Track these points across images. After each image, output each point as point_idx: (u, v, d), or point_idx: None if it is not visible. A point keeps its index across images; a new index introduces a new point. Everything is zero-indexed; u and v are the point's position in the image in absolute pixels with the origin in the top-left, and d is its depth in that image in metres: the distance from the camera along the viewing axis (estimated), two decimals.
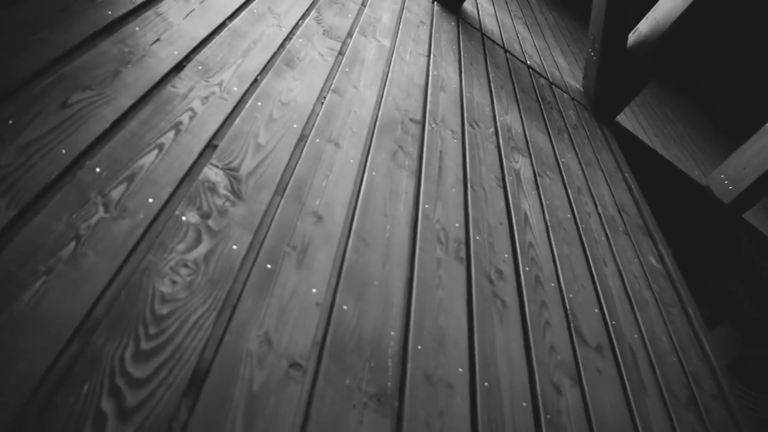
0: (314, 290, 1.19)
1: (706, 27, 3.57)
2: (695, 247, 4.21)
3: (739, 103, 8.78)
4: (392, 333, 1.22)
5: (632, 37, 3.86)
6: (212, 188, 1.25)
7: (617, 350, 1.75)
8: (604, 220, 2.44)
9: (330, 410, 1.01)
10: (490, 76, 2.92)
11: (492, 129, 2.39)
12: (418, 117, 2.06)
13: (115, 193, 1.10)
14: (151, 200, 1.13)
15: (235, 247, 1.16)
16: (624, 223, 2.58)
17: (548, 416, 1.34)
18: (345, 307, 1.20)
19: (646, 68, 3.72)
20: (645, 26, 3.83)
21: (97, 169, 1.12)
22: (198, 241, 1.12)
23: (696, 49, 8.31)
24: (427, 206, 1.66)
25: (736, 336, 3.86)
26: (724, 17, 8.04)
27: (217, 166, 1.30)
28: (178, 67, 1.50)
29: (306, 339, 1.09)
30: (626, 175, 3.15)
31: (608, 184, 2.84)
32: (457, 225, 1.68)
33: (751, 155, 4.42)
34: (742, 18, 8.08)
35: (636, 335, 1.89)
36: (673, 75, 8.24)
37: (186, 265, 1.06)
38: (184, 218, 1.14)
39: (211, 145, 1.35)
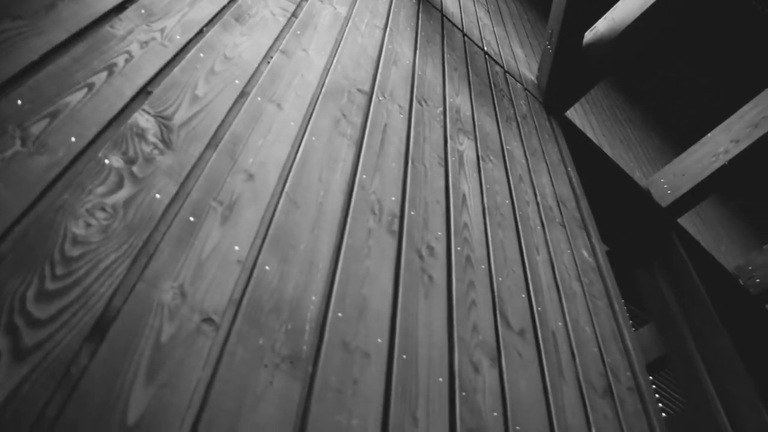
0: (237, 248, 1.16)
1: (663, 31, 3.63)
2: (629, 246, 4.31)
3: (687, 112, 9.00)
4: (313, 298, 1.21)
5: (589, 35, 3.90)
6: (141, 134, 1.21)
7: (540, 336, 1.77)
8: (542, 209, 2.47)
9: (239, 368, 0.99)
10: (445, 57, 2.91)
11: (440, 109, 2.38)
12: (366, 88, 2.04)
13: (36, 128, 1.05)
14: (73, 139, 1.09)
15: (158, 196, 1.13)
16: (561, 214, 2.62)
17: (464, 393, 1.35)
18: (267, 268, 1.18)
19: (599, 66, 3.77)
20: (602, 25, 3.87)
21: (19, 102, 1.07)
22: (119, 185, 1.08)
23: (652, 52, 8.46)
24: (364, 177, 1.65)
25: (659, 335, 3.98)
26: (681, 22, 8.20)
27: (148, 113, 1.26)
28: (120, 8, 1.44)
29: (223, 295, 1.07)
30: (569, 169, 3.19)
31: (550, 176, 2.87)
32: (393, 198, 1.67)
33: (691, 163, 4.55)
34: (696, 27, 8.26)
35: (560, 323, 1.92)
36: (627, 78, 8.39)
37: (103, 209, 1.03)
38: (107, 161, 1.10)
39: (145, 91, 1.30)
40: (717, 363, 3.52)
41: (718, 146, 4.45)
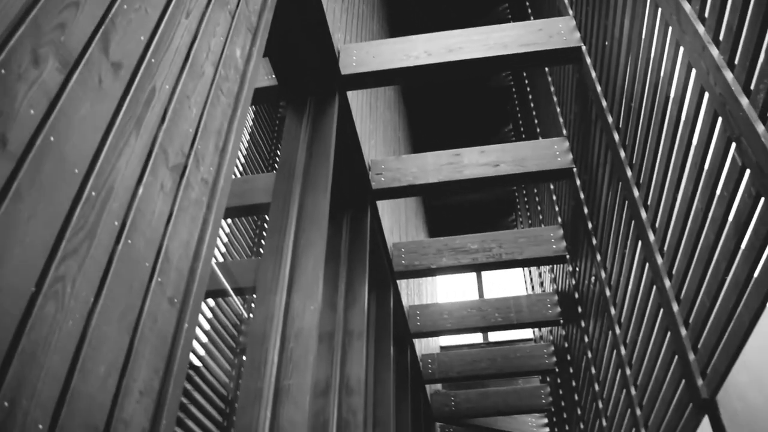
0: None
1: None
2: (294, 88, 4.32)
3: (420, 13, 9.40)
4: None
5: None
6: None
7: (137, 83, 1.64)
8: None
9: None
10: None
11: None
12: None
13: None
14: None
15: None
16: (237, 7, 2.49)
17: (3, 72, 1.18)
18: None
19: None
20: None
21: None
22: None
23: None
24: None
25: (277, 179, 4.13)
26: None
27: None
28: None
29: None
30: None
31: None
32: None
33: (386, 51, 4.72)
34: None
35: (168, 86, 1.81)
36: None
37: None
38: None
39: None
40: (307, 218, 3.77)
41: (414, 49, 4.67)
